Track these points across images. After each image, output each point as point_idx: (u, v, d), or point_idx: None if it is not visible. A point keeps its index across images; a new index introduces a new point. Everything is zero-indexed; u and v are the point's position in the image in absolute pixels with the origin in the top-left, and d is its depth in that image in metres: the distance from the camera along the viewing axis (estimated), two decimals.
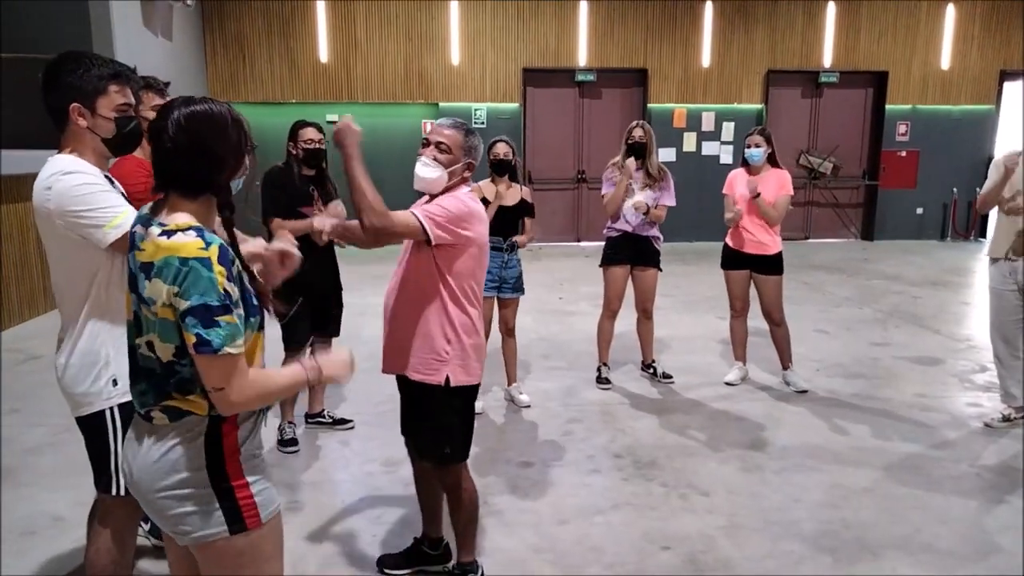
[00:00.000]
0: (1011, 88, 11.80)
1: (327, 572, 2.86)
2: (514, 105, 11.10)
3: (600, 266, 4.99)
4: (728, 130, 11.52)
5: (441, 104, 11.06)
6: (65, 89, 2.07)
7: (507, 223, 4.35)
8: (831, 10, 11.34)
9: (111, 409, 2.14)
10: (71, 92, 2.07)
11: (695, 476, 3.69)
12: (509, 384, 4.68)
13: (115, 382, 2.12)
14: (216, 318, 1.50)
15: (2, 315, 6.34)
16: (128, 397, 1.79)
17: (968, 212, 11.72)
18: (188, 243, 1.51)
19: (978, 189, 3.78)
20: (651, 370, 5.19)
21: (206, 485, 1.62)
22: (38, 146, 6.70)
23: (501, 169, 4.39)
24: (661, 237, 4.95)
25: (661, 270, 5.02)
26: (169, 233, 1.52)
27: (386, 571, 2.88)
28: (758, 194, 4.66)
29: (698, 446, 4.07)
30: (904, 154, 11.80)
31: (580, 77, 11.19)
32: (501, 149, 4.38)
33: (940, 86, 11.71)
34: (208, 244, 1.52)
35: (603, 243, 5.00)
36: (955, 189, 11.60)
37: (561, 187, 11.56)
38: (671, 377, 5.10)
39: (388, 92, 10.97)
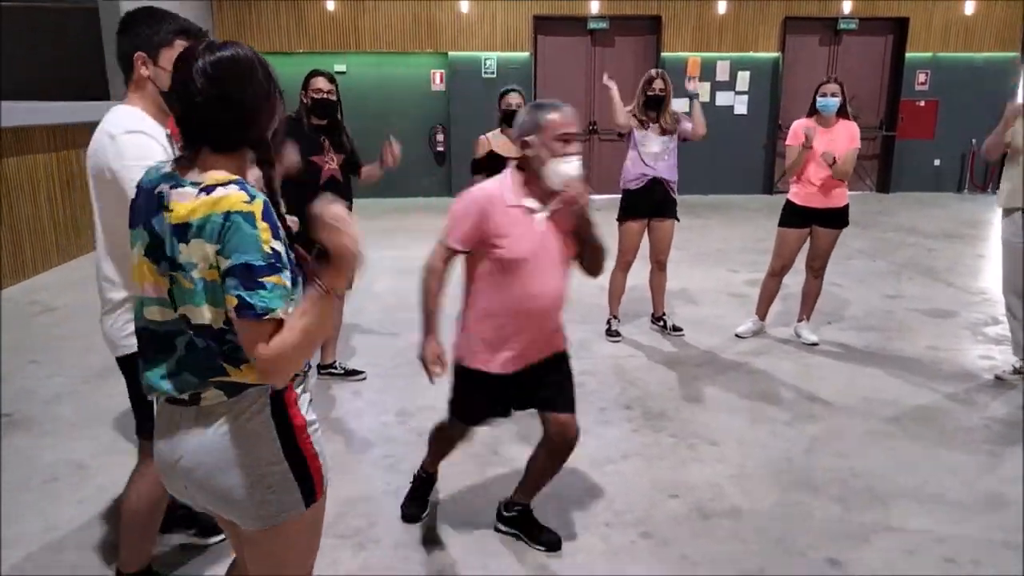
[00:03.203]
0: None
1: (342, 523, 2.92)
2: (525, 54, 10.90)
3: (617, 220, 4.95)
4: (743, 80, 11.30)
5: (450, 53, 10.88)
6: (133, 37, 2.14)
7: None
8: None
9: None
10: (138, 41, 2.14)
11: (704, 427, 3.72)
12: None
13: None
14: (260, 279, 1.34)
15: (8, 269, 6.40)
16: None
17: (987, 164, 11.53)
18: (230, 196, 1.37)
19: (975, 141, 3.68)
20: (661, 323, 5.19)
21: (282, 461, 1.49)
22: (41, 97, 6.71)
23: (514, 120, 4.33)
24: (676, 181, 4.89)
25: (679, 220, 4.97)
26: (208, 188, 1.38)
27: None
28: (833, 160, 4.48)
29: (708, 397, 4.09)
30: (923, 104, 11.56)
31: (592, 25, 10.96)
32: (513, 99, 4.31)
33: (963, 32, 11.40)
34: (252, 198, 1.39)
35: (618, 196, 4.95)
36: (974, 140, 11.39)
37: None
38: (681, 330, 5.11)
39: (397, 41, 10.80)
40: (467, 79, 10.84)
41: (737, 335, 5.03)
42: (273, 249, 1.37)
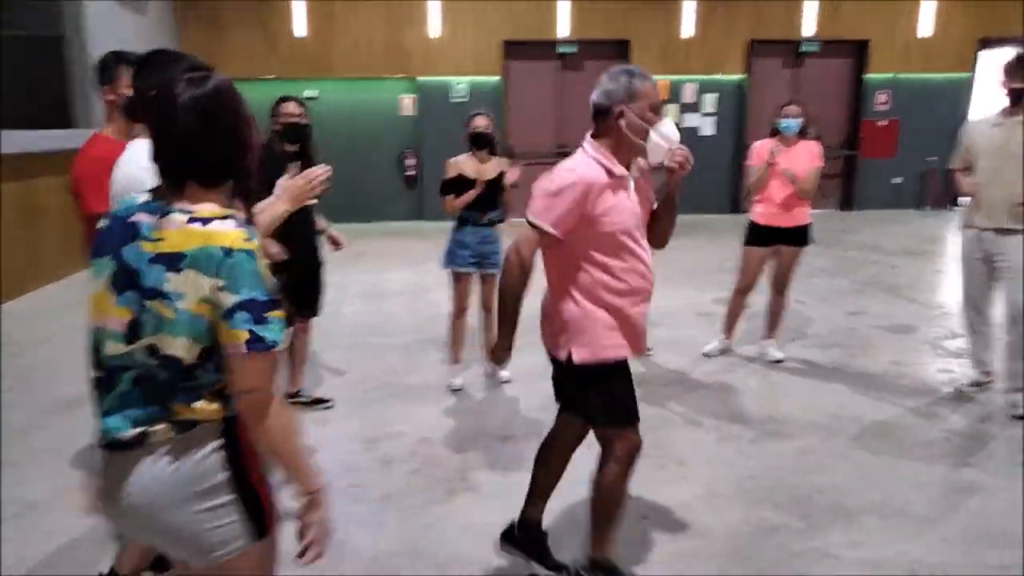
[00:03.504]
0: (988, 56, 11.83)
1: None
2: (495, 78, 11.01)
3: None
4: (710, 101, 11.50)
5: (420, 79, 10.95)
6: (148, 78, 2.20)
7: (486, 197, 4.32)
8: None
9: None
10: (153, 81, 2.14)
11: (672, 447, 3.74)
12: (490, 360, 4.70)
13: None
14: (266, 314, 1.40)
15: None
16: None
17: (945, 181, 11.81)
18: (229, 232, 1.39)
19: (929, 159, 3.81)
20: None
21: (232, 492, 1.49)
22: (2, 125, 6.62)
23: (481, 142, 4.36)
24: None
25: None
26: (204, 220, 1.39)
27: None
28: (774, 162, 4.59)
29: (676, 417, 4.12)
30: (883, 124, 11.84)
31: (561, 49, 11.11)
32: (481, 122, 4.33)
33: (921, 53, 11.72)
34: (251, 236, 1.41)
35: None
36: (933, 158, 11.67)
37: (544, 161, 11.46)
38: (650, 350, 5.15)
39: (367, 67, 10.84)
40: (437, 103, 10.90)
41: (704, 354, 5.08)
42: (271, 285, 1.43)
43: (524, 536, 2.78)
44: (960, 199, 4.25)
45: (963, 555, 2.81)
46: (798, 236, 4.78)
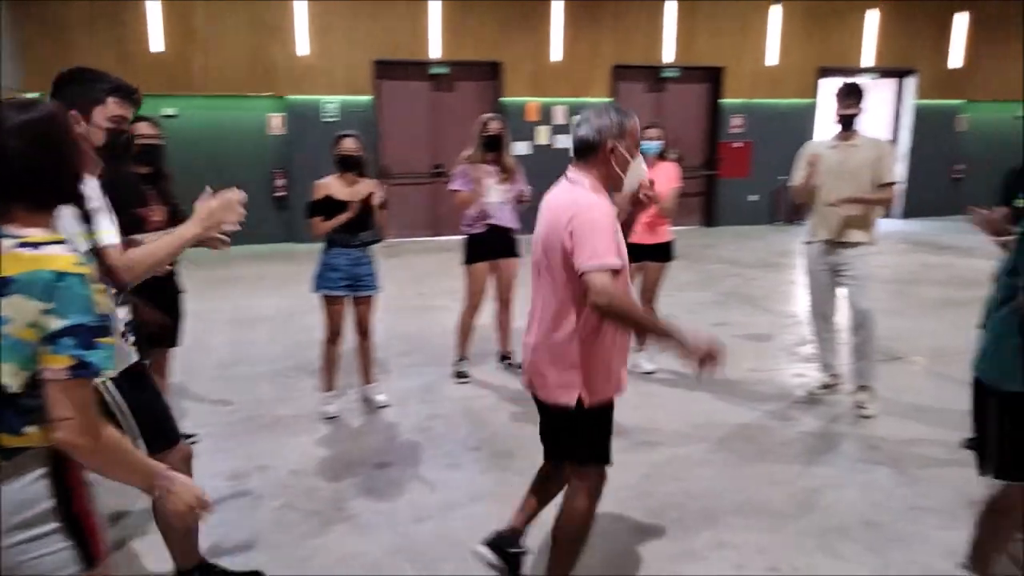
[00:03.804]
0: (828, 83, 12.92)
1: None
2: (367, 98, 10.89)
3: (464, 264, 5.01)
4: None
5: (289, 97, 10.66)
6: (65, 96, 2.22)
7: (358, 219, 4.24)
8: (670, 8, 11.93)
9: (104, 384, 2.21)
10: (70, 99, 2.22)
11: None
12: (364, 384, 4.61)
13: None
14: (95, 339, 1.40)
15: None
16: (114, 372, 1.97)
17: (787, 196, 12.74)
18: (61, 256, 1.39)
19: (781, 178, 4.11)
20: (507, 361, 5.27)
21: (58, 520, 1.47)
22: None
23: (348, 165, 4.28)
24: (519, 225, 5.04)
25: (521, 257, 5.09)
26: (35, 245, 1.38)
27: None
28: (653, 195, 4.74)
29: None
30: (738, 145, 12.66)
31: (433, 70, 11.15)
32: (348, 144, 4.26)
33: (769, 81, 12.63)
34: (83, 260, 1.40)
35: (463, 238, 5.02)
36: (783, 177, 12.56)
37: (418, 181, 11.48)
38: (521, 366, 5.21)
39: (231, 84, 10.44)
40: (308, 123, 10.65)
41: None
42: (102, 311, 1.42)
43: (503, 547, 2.78)
44: (807, 216, 4.59)
45: (817, 547, 3.00)
46: (662, 252, 5.01)
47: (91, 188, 2.18)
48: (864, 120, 4.39)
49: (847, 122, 4.31)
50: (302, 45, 10.51)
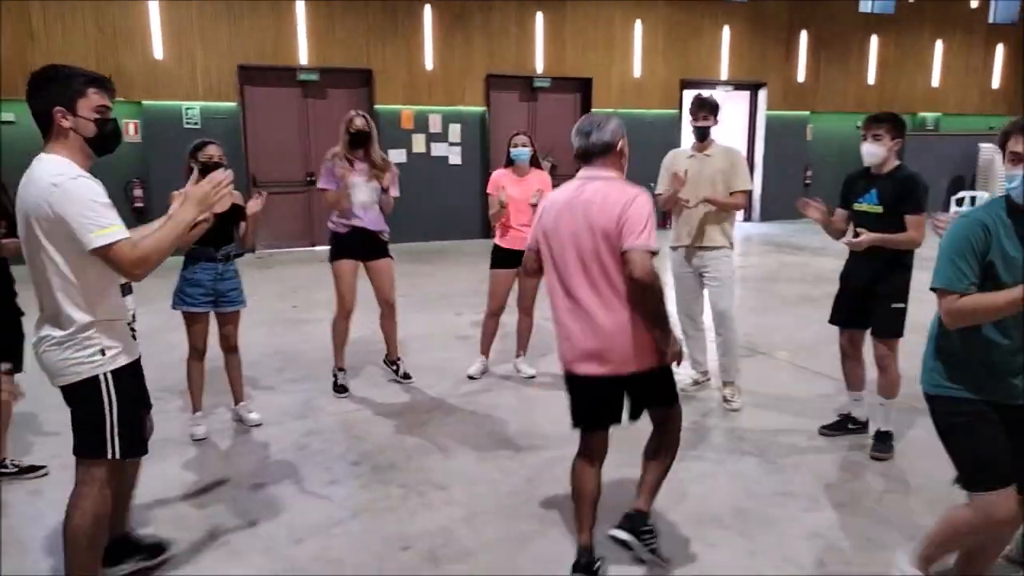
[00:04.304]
0: (690, 95, 13.62)
1: None
2: (231, 104, 10.43)
3: (329, 261, 4.85)
4: (455, 132, 11.89)
5: (145, 102, 10.05)
6: (46, 95, 2.32)
7: (219, 231, 4.00)
8: (540, 20, 12.20)
9: (105, 375, 2.39)
10: (51, 97, 2.32)
11: (434, 473, 3.74)
12: (236, 404, 4.38)
13: (103, 351, 2.40)
14: None
15: None
16: (121, 362, 2.41)
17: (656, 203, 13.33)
18: None
19: (651, 184, 4.27)
20: (395, 367, 5.16)
21: None
22: None
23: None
24: (387, 230, 4.93)
25: (393, 258, 5.00)
26: None
27: None
28: (535, 204, 4.75)
29: (436, 442, 4.13)
30: None
31: (303, 76, 10.84)
32: (213, 151, 4.04)
33: (635, 92, 13.16)
34: None
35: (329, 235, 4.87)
36: (652, 184, 13.09)
37: (290, 190, 11.10)
38: (410, 377, 5.14)
39: None
40: (167, 130, 10.06)
41: (469, 376, 5.15)
42: None
43: (633, 527, 2.97)
44: (672, 219, 4.79)
45: (692, 536, 3.13)
46: None
47: (94, 183, 2.33)
48: (719, 130, 4.64)
49: (701, 133, 4.55)
50: (157, 48, 9.96)
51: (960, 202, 13.49)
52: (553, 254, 2.75)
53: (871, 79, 15.03)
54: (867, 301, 3.89)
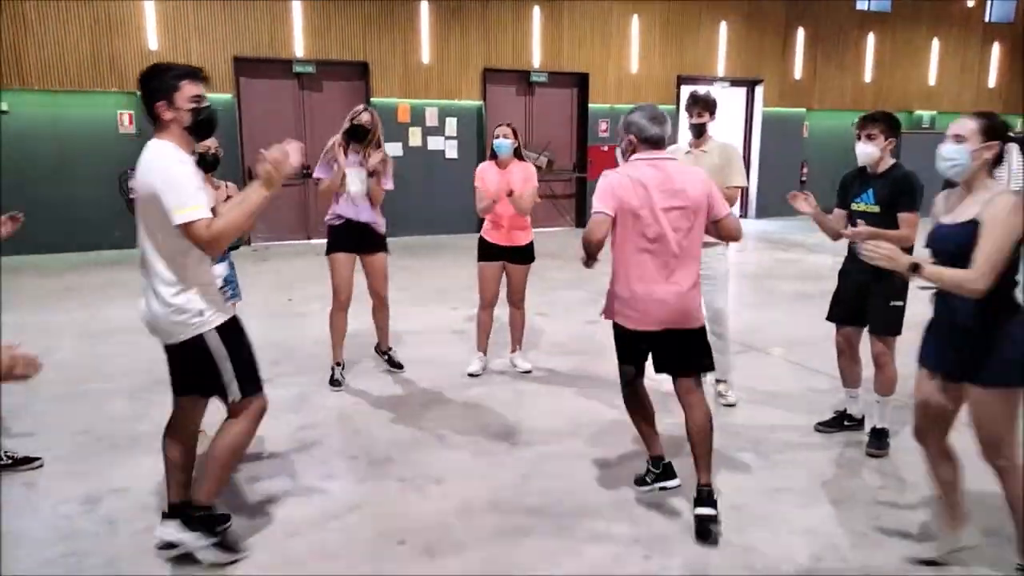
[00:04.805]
0: (687, 91, 13.60)
1: None
2: (226, 96, 10.39)
3: (326, 255, 4.85)
4: (451, 125, 11.87)
5: (140, 93, 9.98)
6: (149, 93, 2.66)
7: None
8: (536, 14, 12.18)
9: (209, 334, 2.72)
10: (155, 93, 2.66)
11: (429, 467, 3.75)
12: None
13: (202, 312, 2.70)
14: None
15: None
16: (220, 321, 2.73)
17: None
18: None
19: None
20: (386, 356, 5.18)
21: None
22: None
23: (209, 164, 4.06)
24: (382, 222, 4.93)
25: (389, 252, 5.01)
26: None
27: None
28: (511, 191, 4.74)
29: (432, 436, 4.13)
30: (606, 148, 13.09)
31: (298, 68, 10.80)
32: (209, 142, 4.01)
33: (632, 88, 13.15)
34: None
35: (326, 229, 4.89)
36: None
37: (285, 183, 10.97)
38: (402, 367, 5.16)
39: (73, 78, 9.66)
40: None
41: (469, 374, 5.14)
42: None
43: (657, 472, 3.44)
44: None
45: (688, 533, 3.13)
46: (522, 254, 5.05)
47: (191, 165, 2.66)
48: (716, 127, 4.63)
49: (697, 130, 4.54)
50: (151, 39, 9.91)
51: None
52: (628, 225, 3.09)
53: (868, 76, 15.07)
54: (865, 299, 3.89)
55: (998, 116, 2.69)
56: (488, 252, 5.04)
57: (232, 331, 2.79)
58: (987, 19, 16.07)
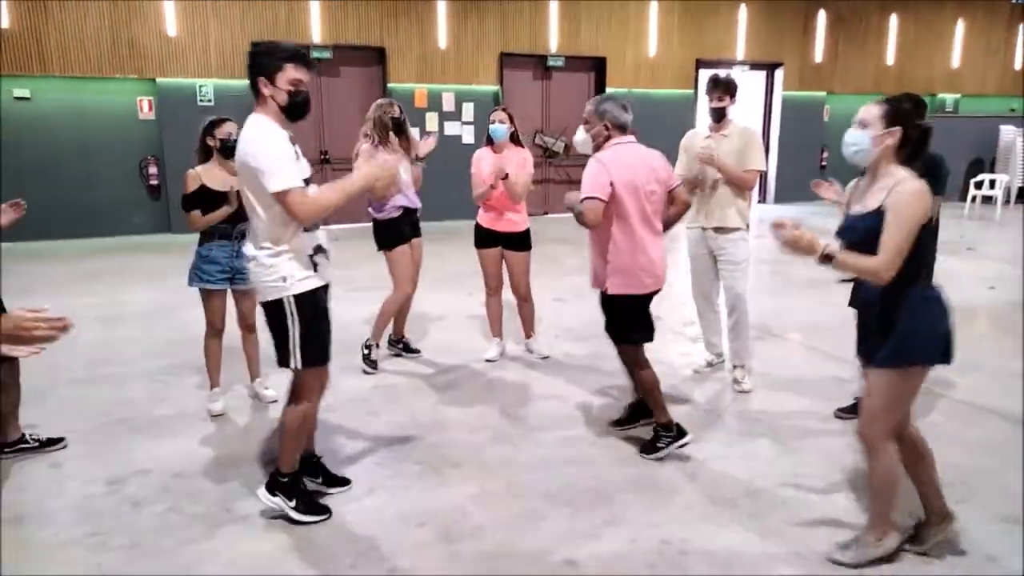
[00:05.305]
0: (705, 75, 13.47)
1: None
2: (244, 82, 10.36)
3: (385, 249, 4.93)
4: (468, 110, 11.83)
5: (159, 79, 10.05)
6: (255, 67, 2.81)
7: (235, 210, 4.03)
8: None
9: (288, 299, 2.86)
10: (259, 68, 2.80)
11: (448, 450, 3.77)
12: (252, 380, 4.42)
13: (284, 279, 2.85)
14: None
15: None
16: (301, 289, 2.87)
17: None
18: None
19: None
20: (400, 345, 5.22)
21: None
22: None
23: (230, 151, 4.05)
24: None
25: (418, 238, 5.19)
26: None
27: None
28: (506, 175, 4.74)
29: (451, 421, 4.16)
30: None
31: (315, 54, 10.78)
32: (231, 128, 4.04)
33: (649, 71, 13.04)
34: None
35: (360, 225, 4.97)
36: None
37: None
38: (419, 352, 5.19)
39: (92, 64, 9.72)
40: (181, 107, 10.07)
41: (487, 360, 5.14)
42: None
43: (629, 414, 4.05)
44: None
45: (704, 518, 3.13)
46: (519, 242, 5.02)
47: (285, 138, 2.81)
48: (736, 111, 4.58)
49: (717, 114, 4.49)
50: (171, 25, 9.94)
51: (979, 185, 13.37)
52: (630, 202, 3.49)
53: (890, 59, 14.83)
54: None
55: (906, 101, 2.72)
56: (484, 238, 5.04)
57: (312, 303, 2.91)
58: (1013, 0, 15.74)
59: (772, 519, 3.13)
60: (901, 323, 2.57)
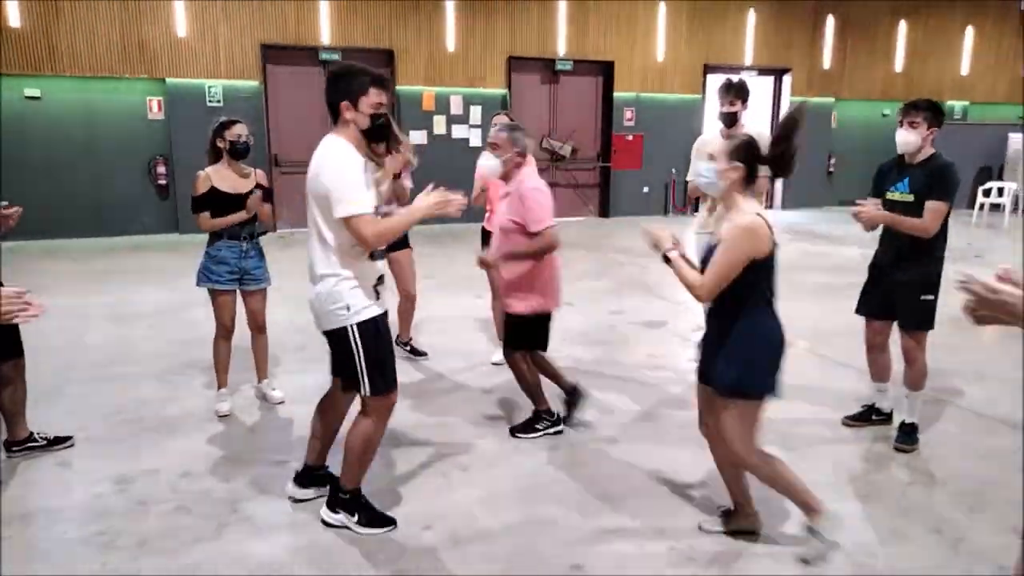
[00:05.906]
0: (713, 79, 13.47)
1: None
2: (254, 83, 10.45)
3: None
4: (476, 113, 11.85)
5: (169, 80, 10.09)
6: (337, 89, 2.78)
7: (242, 210, 4.04)
8: (562, 2, 12.08)
9: (351, 327, 2.82)
10: (343, 92, 2.77)
11: (455, 453, 3.76)
12: (259, 381, 4.42)
13: (348, 307, 2.81)
14: None
15: None
16: (365, 316, 2.82)
17: (684, 189, 13.23)
18: None
19: (674, 170, 4.25)
20: (408, 347, 5.23)
21: None
22: None
23: (241, 152, 4.06)
24: None
25: (412, 248, 5.17)
26: None
27: None
28: (485, 188, 4.78)
29: (457, 423, 4.15)
30: (631, 138, 13.00)
31: (325, 55, 10.83)
32: (241, 130, 4.03)
33: (657, 76, 13.04)
34: None
35: None
36: (673, 169, 13.03)
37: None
38: (425, 353, 5.20)
39: (103, 65, 9.77)
40: (190, 108, 10.11)
41: (494, 363, 5.13)
42: None
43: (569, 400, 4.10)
44: (700, 205, 4.76)
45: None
46: None
47: (360, 164, 2.76)
48: (747, 115, 4.57)
49: (729, 119, 4.48)
50: (180, 26, 9.98)
51: (988, 193, 13.31)
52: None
53: (899, 66, 14.80)
54: (895, 292, 3.83)
55: (753, 140, 2.77)
56: (486, 241, 5.04)
57: (373, 329, 2.87)
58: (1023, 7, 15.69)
59: (781, 527, 3.11)
60: (732, 349, 2.83)
